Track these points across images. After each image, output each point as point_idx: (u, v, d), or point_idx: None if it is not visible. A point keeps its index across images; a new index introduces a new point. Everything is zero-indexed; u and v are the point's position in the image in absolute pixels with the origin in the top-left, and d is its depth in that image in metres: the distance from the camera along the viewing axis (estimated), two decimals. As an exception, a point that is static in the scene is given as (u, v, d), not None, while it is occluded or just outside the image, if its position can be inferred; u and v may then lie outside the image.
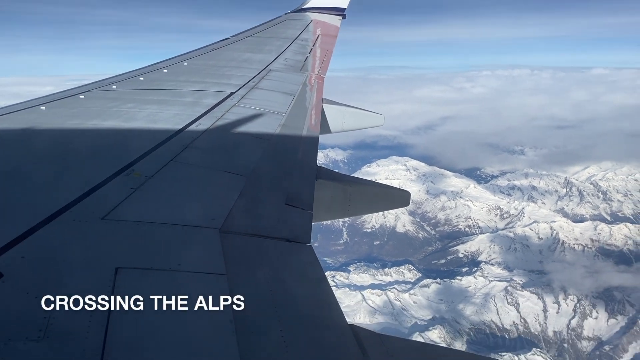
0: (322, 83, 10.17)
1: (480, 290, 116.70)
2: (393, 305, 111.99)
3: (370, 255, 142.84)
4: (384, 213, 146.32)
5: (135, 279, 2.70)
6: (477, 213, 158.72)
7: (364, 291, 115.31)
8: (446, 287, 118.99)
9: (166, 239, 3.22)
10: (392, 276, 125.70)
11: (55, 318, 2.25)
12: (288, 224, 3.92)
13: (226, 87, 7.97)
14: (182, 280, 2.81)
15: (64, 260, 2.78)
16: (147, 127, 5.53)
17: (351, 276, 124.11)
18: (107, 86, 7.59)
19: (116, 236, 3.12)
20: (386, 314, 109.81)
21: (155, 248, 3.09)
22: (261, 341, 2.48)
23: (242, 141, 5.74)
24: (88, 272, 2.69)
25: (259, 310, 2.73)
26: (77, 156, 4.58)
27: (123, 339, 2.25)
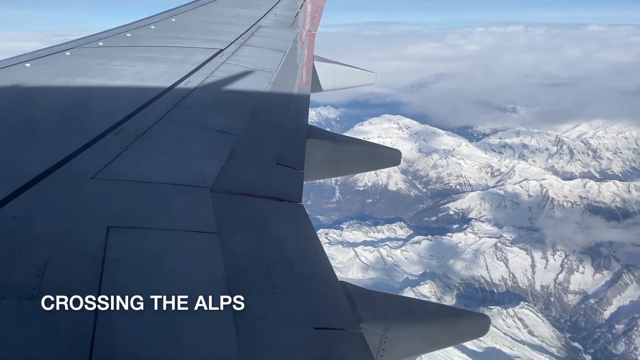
0: (313, 40, 10.07)
1: (470, 246, 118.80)
2: (385, 261, 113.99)
3: (363, 213, 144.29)
4: (376, 171, 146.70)
5: (127, 238, 2.69)
6: (468, 171, 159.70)
7: (357, 248, 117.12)
8: (437, 243, 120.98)
9: (157, 198, 3.20)
10: (384, 233, 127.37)
11: (48, 276, 2.24)
12: (279, 183, 3.91)
13: (215, 43, 7.84)
14: (174, 238, 2.80)
15: (55, 220, 2.76)
16: (135, 85, 5.44)
17: (344, 233, 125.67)
18: (93, 43, 7.42)
19: (107, 195, 3.09)
20: (378, 269, 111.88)
21: (147, 207, 3.07)
22: (253, 298, 2.45)
23: (232, 99, 5.68)
24: (80, 231, 2.67)
25: (251, 269, 2.73)
26: (64, 115, 4.50)
27: (117, 292, 2.22)
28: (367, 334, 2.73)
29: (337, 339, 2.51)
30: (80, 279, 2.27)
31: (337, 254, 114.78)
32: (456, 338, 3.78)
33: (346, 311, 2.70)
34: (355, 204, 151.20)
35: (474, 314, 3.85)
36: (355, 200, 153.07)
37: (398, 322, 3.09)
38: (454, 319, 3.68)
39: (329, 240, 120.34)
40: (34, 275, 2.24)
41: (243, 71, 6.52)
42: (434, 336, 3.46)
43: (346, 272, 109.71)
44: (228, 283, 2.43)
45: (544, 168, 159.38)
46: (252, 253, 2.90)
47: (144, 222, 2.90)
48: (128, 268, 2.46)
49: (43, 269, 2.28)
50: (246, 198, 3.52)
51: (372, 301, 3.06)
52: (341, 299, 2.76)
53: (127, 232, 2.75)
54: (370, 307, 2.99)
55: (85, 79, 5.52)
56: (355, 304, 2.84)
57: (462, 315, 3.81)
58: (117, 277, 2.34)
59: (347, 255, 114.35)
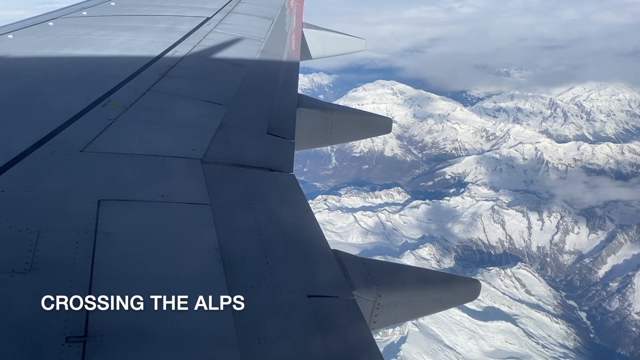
0: (302, 6, 9.95)
1: (468, 209, 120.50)
2: (384, 225, 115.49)
3: (359, 179, 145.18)
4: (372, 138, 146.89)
5: (119, 211, 2.68)
6: (463, 135, 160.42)
7: (356, 213, 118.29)
8: (435, 207, 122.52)
9: (147, 171, 3.17)
10: (382, 198, 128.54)
11: (40, 251, 2.24)
12: (270, 153, 3.88)
13: (202, 11, 7.73)
14: (166, 211, 2.80)
15: (45, 194, 2.73)
16: (121, 55, 5.35)
17: (342, 199, 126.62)
18: (77, 12, 7.25)
19: (96, 168, 3.06)
20: (378, 234, 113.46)
21: (137, 180, 3.05)
22: (246, 267, 2.50)
23: (221, 69, 5.58)
24: (70, 205, 2.65)
25: (244, 239, 2.74)
26: (50, 87, 4.39)
27: (110, 268, 2.24)
28: (360, 300, 2.76)
29: (331, 306, 2.51)
30: (73, 253, 2.26)
31: (337, 220, 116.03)
32: (448, 303, 3.78)
33: (339, 279, 2.73)
34: (352, 170, 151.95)
35: (465, 278, 3.89)
36: (352, 166, 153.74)
37: (390, 288, 3.12)
38: (445, 284, 3.72)
39: (327, 206, 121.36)
40: (26, 249, 2.23)
41: (231, 39, 6.43)
42: (425, 301, 3.47)
43: (346, 237, 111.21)
44: (221, 253, 2.44)
45: (538, 131, 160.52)
46: (244, 223, 2.91)
47: (134, 194, 2.88)
48: (120, 241, 2.44)
49: (35, 243, 2.27)
50: (237, 169, 3.50)
51: (365, 268, 3.08)
52: (334, 267, 2.80)
53: (118, 205, 2.73)
54: (362, 274, 3.01)
55: (70, 49, 5.42)
56: (347, 272, 2.87)
57: (454, 280, 3.86)
58: (109, 250, 2.33)
59: (346, 221, 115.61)
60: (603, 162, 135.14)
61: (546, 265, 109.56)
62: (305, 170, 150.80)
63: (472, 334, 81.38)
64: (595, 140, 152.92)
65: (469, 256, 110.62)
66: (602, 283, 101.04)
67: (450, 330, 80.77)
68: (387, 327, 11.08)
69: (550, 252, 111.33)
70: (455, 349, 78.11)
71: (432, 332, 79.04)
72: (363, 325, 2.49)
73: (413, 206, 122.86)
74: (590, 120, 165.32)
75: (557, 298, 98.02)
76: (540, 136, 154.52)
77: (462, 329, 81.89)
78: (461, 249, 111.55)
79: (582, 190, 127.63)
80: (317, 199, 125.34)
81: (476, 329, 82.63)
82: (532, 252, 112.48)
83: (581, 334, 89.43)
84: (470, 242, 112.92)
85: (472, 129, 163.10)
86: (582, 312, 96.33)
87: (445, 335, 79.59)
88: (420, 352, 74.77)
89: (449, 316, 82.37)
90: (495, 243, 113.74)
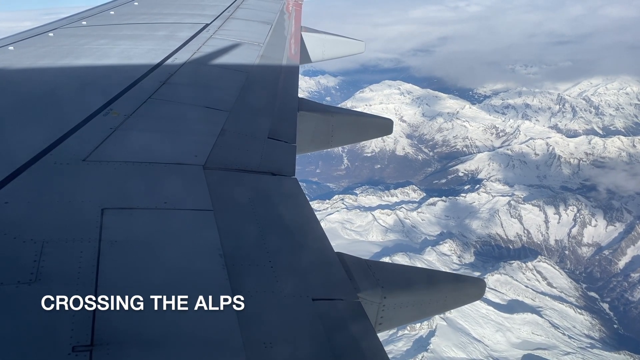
0: (300, 10, 9.98)
1: (484, 205, 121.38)
2: (403, 223, 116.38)
3: (372, 179, 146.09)
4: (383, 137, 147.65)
5: (122, 219, 2.69)
6: (473, 133, 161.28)
7: (374, 212, 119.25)
8: (452, 204, 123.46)
9: (150, 178, 3.19)
10: (397, 197, 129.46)
11: (45, 261, 2.25)
12: (272, 157, 3.88)
13: (201, 18, 7.75)
14: (170, 218, 2.82)
15: (49, 204, 2.75)
16: (122, 64, 5.37)
17: (359, 198, 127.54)
18: (76, 22, 7.25)
19: (99, 177, 3.08)
20: (397, 231, 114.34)
21: (140, 187, 3.07)
22: (251, 272, 2.51)
23: (221, 74, 5.60)
24: (74, 215, 2.66)
25: (247, 244, 2.76)
26: (51, 97, 4.41)
27: (114, 273, 2.27)
28: (365, 302, 2.77)
29: (336, 309, 2.52)
30: (77, 262, 2.27)
31: (356, 218, 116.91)
32: (454, 302, 3.79)
33: (344, 281, 2.73)
34: (365, 170, 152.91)
35: (470, 278, 3.91)
36: (364, 166, 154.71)
37: (395, 290, 3.13)
38: (450, 284, 3.75)
39: (345, 205, 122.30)
40: (31, 260, 2.24)
41: (230, 45, 6.46)
42: (430, 302, 3.48)
43: (366, 235, 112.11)
44: (225, 259, 2.45)
45: (548, 127, 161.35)
46: (248, 228, 2.91)
47: (138, 202, 2.89)
48: (125, 249, 2.45)
49: (40, 254, 2.28)
50: (239, 174, 3.51)
51: (369, 270, 3.09)
52: (338, 270, 2.80)
53: (122, 213, 2.74)
54: (367, 276, 3.02)
55: (71, 59, 5.43)
56: (352, 274, 2.87)
57: (458, 280, 3.89)
58: (114, 259, 2.35)
59: (365, 219, 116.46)
60: (615, 155, 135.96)
61: (565, 258, 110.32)
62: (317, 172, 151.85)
63: (498, 327, 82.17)
64: (605, 134, 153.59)
65: (487, 251, 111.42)
66: (622, 274, 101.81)
67: (477, 323, 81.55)
68: (393, 329, 11.09)
69: (568, 245, 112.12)
70: (483, 341, 78.91)
71: (459, 326, 79.82)
72: (369, 327, 2.50)
73: (430, 203, 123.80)
74: (599, 114, 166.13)
75: (578, 290, 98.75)
76: (551, 131, 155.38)
77: (489, 322, 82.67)
78: (480, 244, 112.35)
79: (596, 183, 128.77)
80: (334, 199, 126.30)
81: (502, 321, 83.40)
82: (550, 245, 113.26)
83: (605, 324, 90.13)
84: (488, 238, 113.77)
85: (482, 126, 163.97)
86: (605, 303, 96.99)
87: (473, 328, 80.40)
88: (450, 345, 75.57)
89: (475, 309, 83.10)
90: (514, 237, 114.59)
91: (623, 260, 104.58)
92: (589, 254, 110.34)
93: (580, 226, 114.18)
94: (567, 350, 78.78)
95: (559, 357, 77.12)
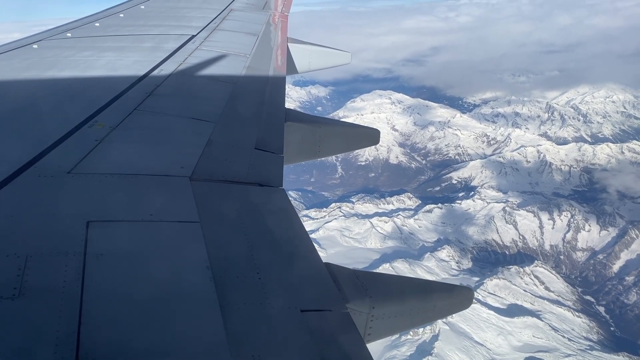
0: (286, 21, 10.04)
1: (480, 212, 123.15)
2: (401, 230, 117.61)
3: (367, 187, 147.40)
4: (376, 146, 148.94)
5: (108, 232, 2.66)
6: (465, 141, 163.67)
7: (372, 219, 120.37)
8: (448, 211, 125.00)
9: (136, 190, 3.16)
10: (393, 204, 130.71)
11: (29, 275, 2.21)
12: (259, 168, 3.86)
13: (187, 29, 7.72)
14: (156, 230, 2.78)
15: (33, 217, 2.71)
16: (107, 76, 5.31)
17: (356, 206, 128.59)
18: (61, 34, 7.23)
19: (84, 190, 3.04)
20: (395, 238, 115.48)
21: (126, 200, 3.03)
22: (238, 284, 2.49)
23: (207, 86, 5.59)
24: (59, 228, 2.62)
25: (235, 255, 2.74)
26: (36, 110, 4.36)
27: (100, 290, 2.21)
28: (354, 313, 2.78)
29: (324, 320, 2.51)
30: (62, 276, 2.23)
31: (354, 226, 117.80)
32: (442, 312, 3.79)
33: (332, 292, 2.71)
34: (359, 179, 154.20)
35: (458, 287, 3.87)
36: (358, 175, 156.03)
37: (383, 300, 3.13)
38: (438, 293, 3.74)
39: (343, 213, 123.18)
40: (14, 274, 2.20)
41: (217, 56, 6.45)
42: (419, 312, 3.47)
43: (365, 242, 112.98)
44: (212, 271, 2.43)
45: (538, 134, 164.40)
46: (235, 240, 2.89)
47: (123, 215, 2.86)
48: (110, 262, 2.42)
49: (23, 268, 2.24)
50: (226, 185, 3.48)
51: (357, 280, 3.09)
52: (326, 280, 2.78)
53: (107, 226, 2.71)
54: (355, 287, 3.02)
55: (55, 71, 5.37)
56: (340, 285, 2.86)
57: (446, 289, 3.84)
58: (99, 272, 2.31)
59: (363, 227, 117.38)
60: (605, 161, 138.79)
61: (560, 262, 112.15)
62: (312, 181, 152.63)
63: (500, 330, 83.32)
64: (594, 141, 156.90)
65: (484, 257, 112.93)
66: (617, 278, 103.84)
67: (479, 327, 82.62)
68: (381, 338, 11.04)
69: (563, 249, 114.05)
70: (486, 345, 79.96)
71: (462, 330, 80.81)
72: (357, 338, 2.51)
73: (426, 210, 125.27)
74: (587, 122, 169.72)
75: (574, 294, 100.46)
76: (541, 139, 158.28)
77: (490, 326, 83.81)
78: (477, 250, 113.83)
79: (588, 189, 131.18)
80: (332, 207, 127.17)
81: (503, 325, 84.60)
82: (545, 250, 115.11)
83: (602, 327, 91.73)
84: (485, 243, 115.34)
85: (473, 134, 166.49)
86: (600, 306, 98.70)
87: (475, 332, 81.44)
88: (453, 349, 76.46)
89: (476, 314, 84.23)
90: (509, 243, 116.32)
91: (617, 264, 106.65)
92: (583, 258, 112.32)
93: (574, 231, 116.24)
94: (568, 352, 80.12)
95: (560, 359, 78.34)
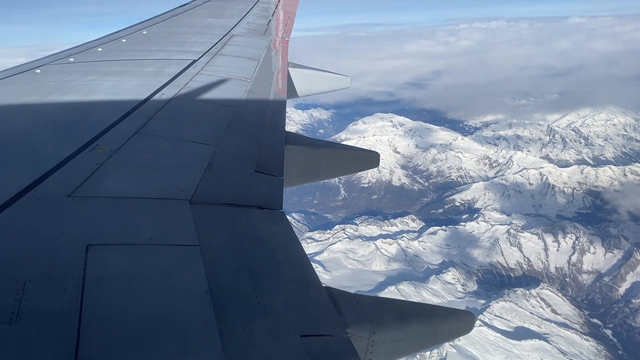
0: (287, 46, 10.21)
1: (484, 234, 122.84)
2: (405, 252, 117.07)
3: (370, 209, 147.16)
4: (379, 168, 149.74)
5: (107, 256, 2.66)
6: (467, 163, 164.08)
7: (376, 241, 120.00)
8: (452, 233, 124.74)
9: (136, 214, 3.16)
10: (397, 226, 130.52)
11: (27, 300, 2.19)
12: (259, 191, 3.86)
13: (188, 54, 7.84)
14: (155, 254, 2.78)
15: (32, 241, 2.71)
16: (109, 100, 5.35)
17: (360, 228, 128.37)
18: (64, 59, 7.32)
19: (84, 213, 3.04)
20: (400, 260, 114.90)
21: (125, 223, 3.04)
22: (238, 309, 2.48)
23: (208, 109, 5.63)
24: (58, 252, 2.62)
25: (234, 280, 2.73)
26: (37, 134, 4.39)
27: (99, 314, 2.20)
28: (354, 338, 2.79)
29: (325, 345, 2.49)
30: (61, 301, 2.22)
31: (358, 248, 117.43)
32: (444, 337, 3.76)
33: (332, 317, 2.69)
34: (362, 201, 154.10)
35: (459, 311, 3.86)
36: (361, 197, 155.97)
37: (384, 324, 3.12)
38: (439, 319, 3.70)
39: (347, 235, 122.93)
40: (12, 299, 2.18)
41: (218, 81, 6.49)
42: (420, 337, 3.45)
43: (369, 264, 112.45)
44: (211, 295, 2.42)
45: (540, 157, 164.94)
46: (234, 263, 2.88)
47: (123, 238, 2.86)
48: (109, 286, 2.41)
49: (21, 292, 2.23)
50: (226, 208, 3.48)
51: (357, 305, 3.08)
52: (327, 305, 2.76)
53: (107, 249, 2.71)
54: (355, 311, 3.00)
55: (57, 95, 5.42)
56: (340, 309, 2.86)
57: (447, 314, 3.80)
58: (98, 296, 2.30)
59: (367, 249, 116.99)
60: (607, 184, 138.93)
61: (566, 285, 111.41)
62: (315, 202, 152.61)
63: (507, 353, 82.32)
64: (596, 164, 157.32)
65: (490, 279, 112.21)
66: (623, 300, 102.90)
67: (487, 351, 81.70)
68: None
69: (569, 272, 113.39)
70: (494, 368, 79.00)
71: (469, 353, 79.93)
72: None
73: (430, 232, 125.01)
74: (589, 145, 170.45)
75: (581, 317, 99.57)
76: (543, 162, 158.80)
77: (498, 349, 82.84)
78: (482, 272, 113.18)
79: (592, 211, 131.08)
80: (335, 229, 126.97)
81: (511, 348, 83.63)
82: (551, 273, 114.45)
83: (610, 350, 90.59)
84: (490, 266, 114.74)
85: (475, 157, 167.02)
86: (607, 329, 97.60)
87: (482, 356, 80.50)
88: (461, 372, 75.56)
89: (483, 337, 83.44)
90: (514, 265, 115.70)
91: (623, 287, 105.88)
92: (589, 281, 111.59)
93: (579, 253, 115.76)
94: (577, 376, 79.10)
95: (570, 383, 77.35)
